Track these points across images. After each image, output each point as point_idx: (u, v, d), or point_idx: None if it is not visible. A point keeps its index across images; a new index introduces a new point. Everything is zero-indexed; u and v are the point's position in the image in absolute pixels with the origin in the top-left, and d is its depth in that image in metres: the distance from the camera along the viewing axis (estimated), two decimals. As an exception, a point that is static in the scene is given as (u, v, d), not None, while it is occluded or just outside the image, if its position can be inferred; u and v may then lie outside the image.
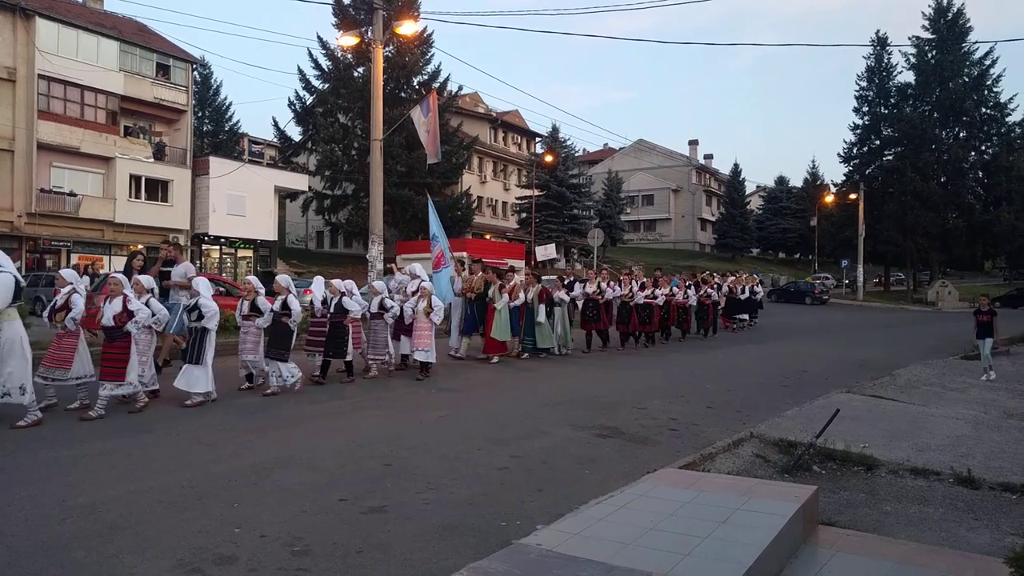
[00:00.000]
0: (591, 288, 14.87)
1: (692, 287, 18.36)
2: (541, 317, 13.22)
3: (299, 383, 9.11)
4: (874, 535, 4.64)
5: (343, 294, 9.98)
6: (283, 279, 9.54)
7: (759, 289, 22.62)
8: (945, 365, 13.59)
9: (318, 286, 10.39)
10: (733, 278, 22.30)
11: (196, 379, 8.15)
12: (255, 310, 9.18)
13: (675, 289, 17.29)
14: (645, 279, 17.09)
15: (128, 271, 9.35)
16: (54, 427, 6.97)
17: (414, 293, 11.22)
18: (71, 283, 7.79)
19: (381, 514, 4.75)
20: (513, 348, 13.41)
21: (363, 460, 6.06)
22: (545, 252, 22.44)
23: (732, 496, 4.55)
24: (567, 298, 14.21)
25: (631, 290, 15.35)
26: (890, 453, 6.70)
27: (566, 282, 15.26)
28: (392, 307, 10.66)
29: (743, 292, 21.54)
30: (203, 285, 8.77)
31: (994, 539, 4.78)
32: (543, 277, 17.66)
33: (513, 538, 4.00)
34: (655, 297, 16.11)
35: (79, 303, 7.61)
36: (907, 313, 37.93)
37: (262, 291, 9.44)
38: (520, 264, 30.63)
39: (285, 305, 9.13)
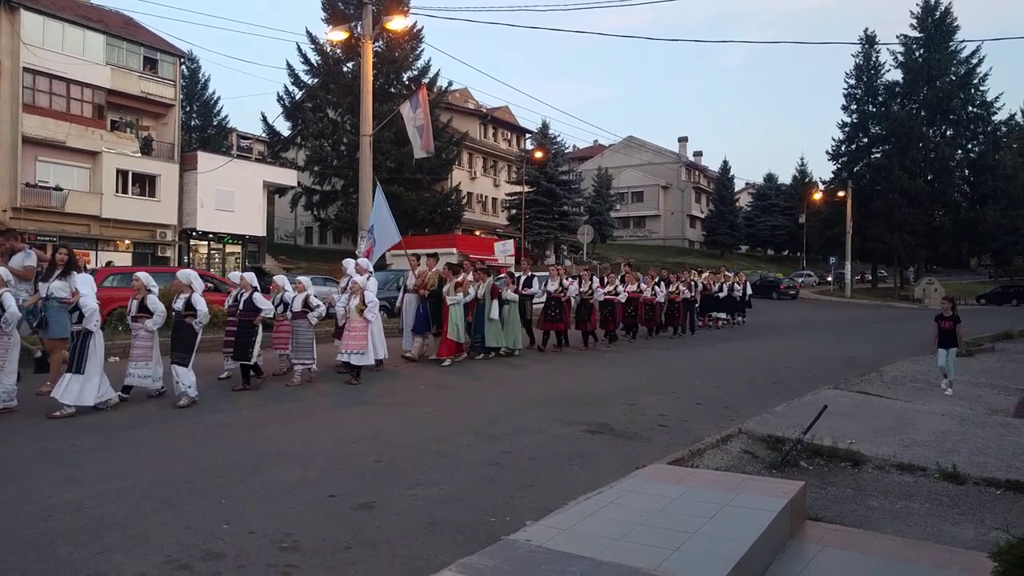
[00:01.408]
0: (553, 286, 13.82)
1: (661, 283, 17.43)
2: (494, 314, 12.33)
3: (195, 395, 7.94)
4: (861, 530, 4.68)
5: (255, 289, 9.01)
6: (184, 275, 8.53)
7: (739, 287, 21.63)
8: (931, 362, 13.67)
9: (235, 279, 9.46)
10: (707, 274, 21.47)
11: (69, 390, 7.17)
12: (144, 311, 8.14)
13: (642, 286, 16.45)
14: (608, 275, 16.32)
15: None
16: (38, 422, 6.92)
17: (344, 290, 10.54)
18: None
19: (370, 510, 4.74)
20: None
21: (352, 456, 6.05)
22: (503, 249, 21.17)
23: (720, 492, 4.57)
24: (515, 297, 13.12)
25: (590, 287, 14.52)
26: (877, 449, 6.75)
27: (523, 278, 14.27)
28: (317, 305, 9.65)
29: (721, 290, 20.82)
30: (82, 281, 7.72)
31: (978, 533, 4.83)
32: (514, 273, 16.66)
33: (502, 534, 4.00)
34: (617, 294, 15.32)
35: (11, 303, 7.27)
36: (894, 310, 38.21)
37: (154, 289, 8.37)
38: (511, 260, 30.63)
39: (189, 304, 8.15)
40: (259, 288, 9.11)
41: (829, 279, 58.85)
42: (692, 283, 19.20)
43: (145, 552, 3.95)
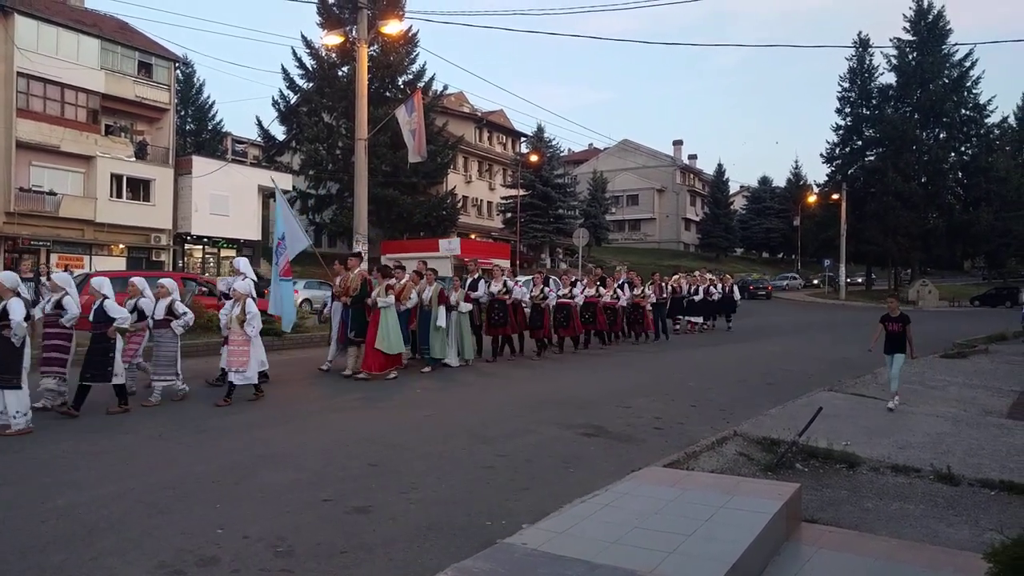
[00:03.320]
0: (496, 287, 12.79)
1: (624, 286, 16.34)
2: (441, 321, 11.15)
3: (25, 425, 6.69)
4: (856, 532, 4.68)
5: (105, 297, 7.67)
6: (60, 278, 7.79)
7: (715, 290, 20.49)
8: (925, 363, 13.72)
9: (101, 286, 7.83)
10: (677, 276, 20.22)
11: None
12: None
13: (602, 289, 15.38)
14: (562, 277, 15.50)
15: None
16: (35, 427, 6.88)
17: (226, 296, 9.39)
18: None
19: (365, 514, 4.73)
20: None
21: (347, 459, 6.03)
22: (449, 246, 18.98)
23: (716, 494, 4.58)
24: (469, 307, 12.09)
25: (542, 290, 13.66)
26: (871, 451, 6.76)
27: (469, 280, 13.21)
28: (184, 312, 8.38)
29: (696, 292, 19.67)
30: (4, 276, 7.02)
31: (973, 535, 4.84)
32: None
33: (498, 537, 4.00)
34: (572, 297, 14.38)
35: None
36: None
37: (70, 289, 7.66)
38: (505, 264, 30.63)
39: (4, 313, 6.74)
40: (111, 296, 7.78)
41: (815, 282, 59.15)
42: (661, 286, 18.09)
43: (139, 557, 3.93)
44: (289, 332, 13.09)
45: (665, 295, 18.17)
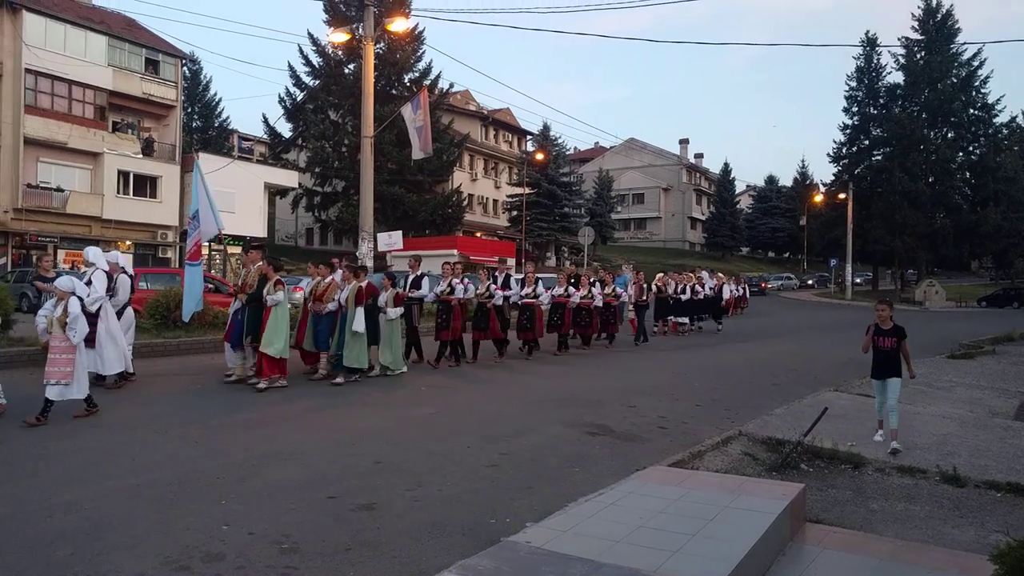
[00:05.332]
0: (441, 286, 11.84)
1: (597, 284, 15.27)
2: (358, 325, 9.70)
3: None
4: (861, 532, 4.67)
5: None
6: None
7: (700, 288, 19.70)
8: (932, 364, 13.67)
9: None
10: (662, 275, 19.44)
11: None
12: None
13: (572, 289, 14.25)
14: (526, 275, 13.94)
15: None
16: (37, 424, 6.91)
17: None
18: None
19: (370, 511, 4.74)
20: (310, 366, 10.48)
21: (352, 457, 6.05)
22: (389, 240, 16.63)
23: (721, 494, 4.57)
24: (398, 311, 10.73)
25: (488, 289, 12.32)
26: (877, 451, 6.74)
27: (411, 278, 11.97)
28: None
29: (683, 291, 18.88)
30: None
31: (979, 536, 4.82)
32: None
33: (502, 535, 4.00)
34: (536, 296, 13.23)
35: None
36: (895, 313, 38.07)
37: None
38: (511, 262, 30.64)
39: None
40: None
41: (810, 282, 59.07)
42: (642, 285, 17.21)
43: (144, 553, 3.95)
44: (186, 321, 11.67)
45: (646, 296, 17.31)
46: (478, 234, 45.99)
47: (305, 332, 10.24)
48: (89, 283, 8.08)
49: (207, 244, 26.26)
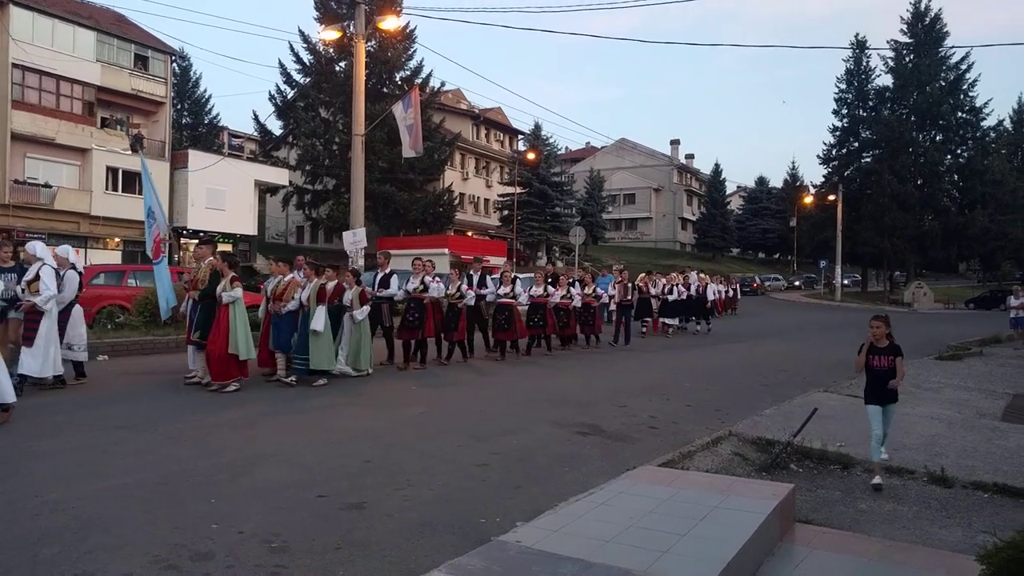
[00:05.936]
0: (413, 284, 11.35)
1: (576, 284, 15.05)
2: (318, 324, 9.29)
3: None
4: (850, 533, 4.70)
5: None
6: None
7: (683, 289, 19.67)
8: (920, 365, 13.75)
9: None
10: (644, 275, 19.10)
11: None
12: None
13: (551, 289, 13.96)
14: (500, 275, 13.40)
15: None
16: (27, 420, 6.85)
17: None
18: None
19: (360, 511, 4.72)
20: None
21: (342, 456, 6.03)
22: (354, 239, 16.14)
23: (710, 494, 4.58)
24: (362, 314, 10.27)
25: (459, 288, 11.98)
26: (866, 452, 6.76)
27: (380, 276, 11.52)
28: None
29: (669, 292, 18.96)
30: None
31: (966, 536, 4.85)
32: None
33: (492, 535, 4.00)
34: (514, 297, 12.87)
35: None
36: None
37: None
38: (495, 260, 30.57)
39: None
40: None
41: (797, 283, 59.52)
42: (626, 285, 17.00)
43: (132, 552, 3.92)
44: (165, 321, 11.50)
45: (630, 296, 17.09)
46: (469, 233, 45.93)
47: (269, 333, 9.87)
48: (36, 279, 7.77)
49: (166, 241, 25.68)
